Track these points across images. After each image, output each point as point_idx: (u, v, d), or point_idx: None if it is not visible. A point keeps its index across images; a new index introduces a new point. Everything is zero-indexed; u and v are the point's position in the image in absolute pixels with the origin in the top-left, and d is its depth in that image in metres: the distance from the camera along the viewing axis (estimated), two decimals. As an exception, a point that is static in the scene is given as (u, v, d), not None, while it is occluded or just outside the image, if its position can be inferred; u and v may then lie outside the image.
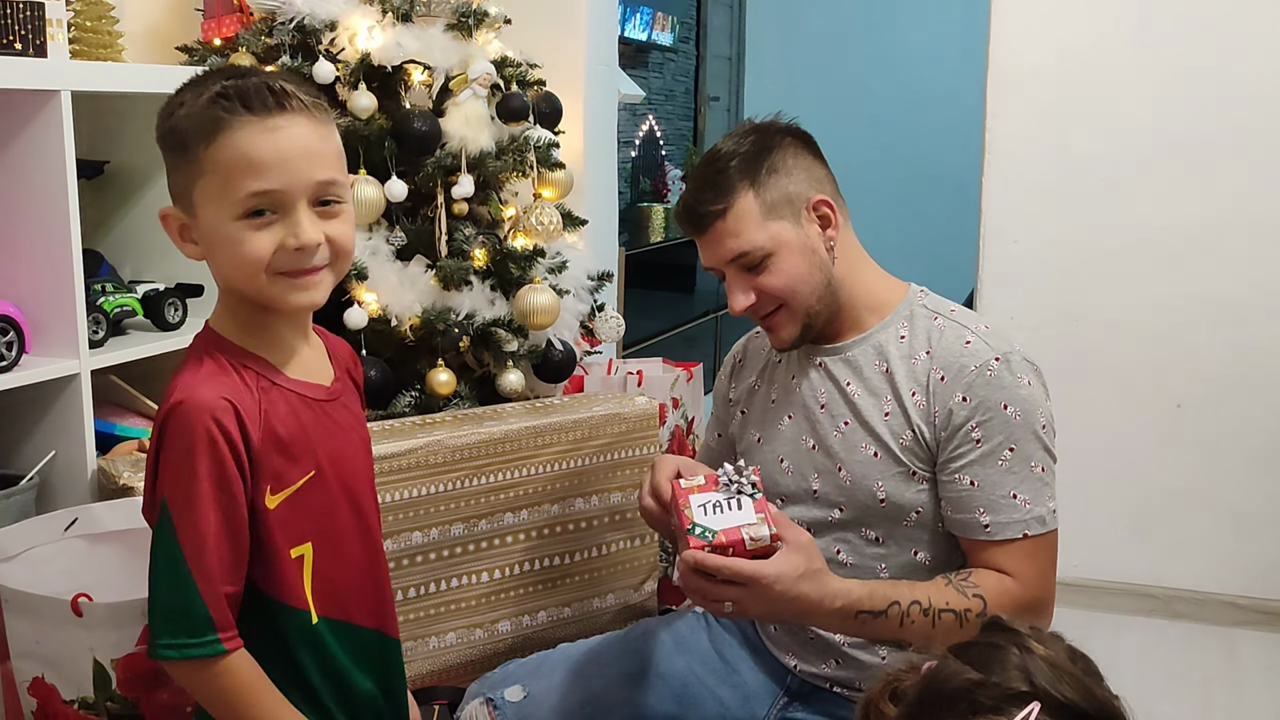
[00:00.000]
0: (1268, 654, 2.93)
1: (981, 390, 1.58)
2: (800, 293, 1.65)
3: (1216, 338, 3.00)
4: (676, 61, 6.28)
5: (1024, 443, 1.58)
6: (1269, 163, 2.92)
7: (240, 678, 1.19)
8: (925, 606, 1.55)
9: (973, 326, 1.65)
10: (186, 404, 1.17)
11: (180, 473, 1.16)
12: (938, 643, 1.56)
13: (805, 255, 1.65)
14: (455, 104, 2.40)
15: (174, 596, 1.17)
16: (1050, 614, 1.63)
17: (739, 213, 1.64)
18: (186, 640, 1.16)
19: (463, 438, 2.06)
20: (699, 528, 1.46)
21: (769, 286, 1.65)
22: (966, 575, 1.59)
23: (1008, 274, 3.12)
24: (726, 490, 1.50)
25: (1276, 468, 3.00)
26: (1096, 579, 3.09)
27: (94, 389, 1.98)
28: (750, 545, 1.45)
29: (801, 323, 1.67)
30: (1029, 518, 1.57)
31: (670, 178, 5.91)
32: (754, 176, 1.64)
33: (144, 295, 2.19)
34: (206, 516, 1.16)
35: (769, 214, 1.64)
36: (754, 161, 1.65)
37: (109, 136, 2.30)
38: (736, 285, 1.67)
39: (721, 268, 1.68)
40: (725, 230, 1.64)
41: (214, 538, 1.17)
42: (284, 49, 2.33)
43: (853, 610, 1.53)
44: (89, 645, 1.54)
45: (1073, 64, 3.01)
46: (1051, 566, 1.61)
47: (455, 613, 2.10)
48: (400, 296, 2.32)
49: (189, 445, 1.16)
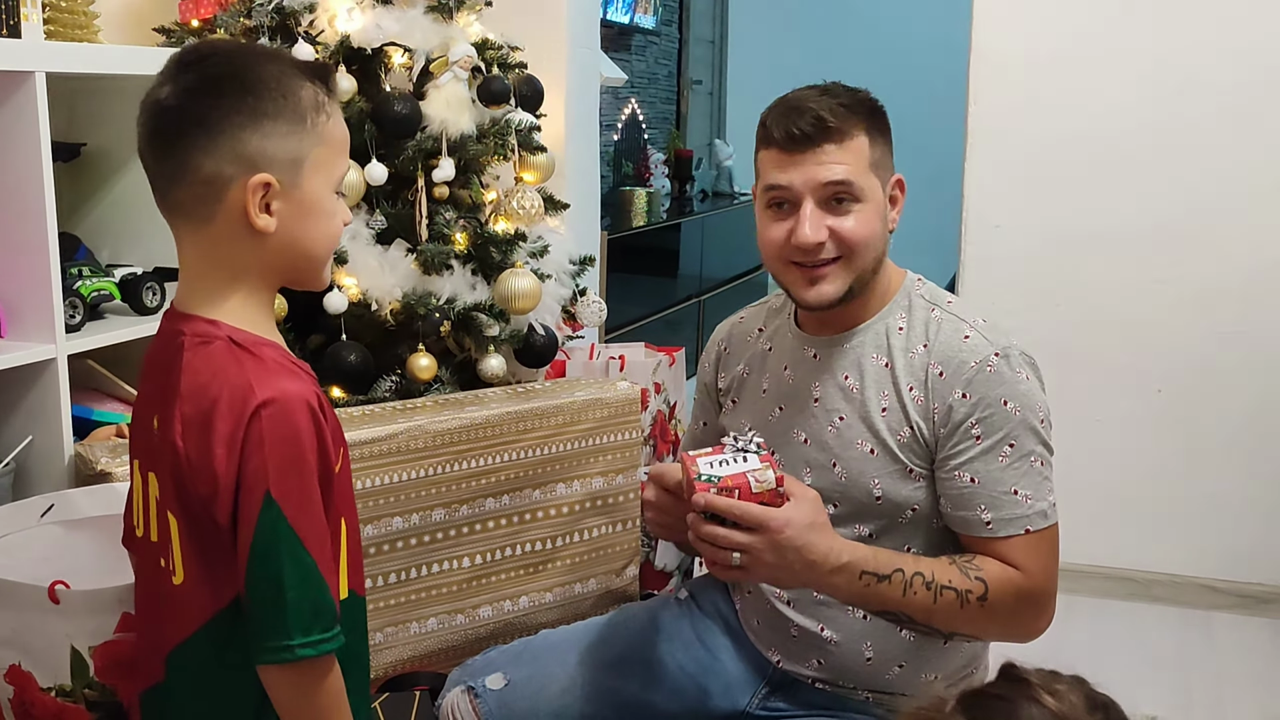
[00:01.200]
0: (1245, 636, 2.95)
1: (981, 387, 1.57)
2: (866, 253, 1.61)
3: (1197, 322, 3.02)
4: (659, 45, 6.26)
5: (1023, 438, 1.58)
6: (1250, 148, 2.92)
7: (338, 674, 1.20)
8: (929, 580, 1.54)
9: (971, 320, 1.63)
10: (282, 401, 1.16)
11: (291, 470, 1.16)
12: (938, 619, 1.58)
13: (880, 220, 1.62)
14: (436, 87, 2.38)
15: (306, 593, 1.15)
16: (1053, 607, 1.62)
17: (854, 146, 1.59)
18: (321, 635, 1.16)
19: (444, 423, 2.06)
20: (705, 476, 1.45)
21: (846, 231, 1.59)
22: (971, 559, 1.58)
23: (989, 258, 3.13)
24: (733, 449, 1.50)
25: (1255, 452, 3.02)
26: (1076, 563, 3.10)
27: (71, 374, 1.97)
28: (756, 489, 1.44)
29: (850, 282, 1.61)
30: (1031, 513, 1.57)
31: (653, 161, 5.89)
32: (869, 125, 1.61)
33: (122, 279, 2.17)
34: (321, 511, 1.17)
35: (872, 166, 1.61)
36: (873, 112, 1.63)
37: (85, 118, 2.28)
38: (814, 218, 1.58)
39: (806, 192, 1.58)
40: (834, 154, 1.57)
41: (326, 528, 1.18)
42: (262, 30, 2.30)
43: (857, 570, 1.52)
44: (66, 633, 1.53)
45: (1055, 49, 3.01)
46: (1054, 559, 1.61)
47: (436, 598, 2.09)
48: (380, 281, 2.31)
49: (295, 442, 1.16)
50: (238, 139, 1.18)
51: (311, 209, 1.23)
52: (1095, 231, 3.05)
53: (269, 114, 1.19)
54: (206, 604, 1.22)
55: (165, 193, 1.22)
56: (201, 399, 1.17)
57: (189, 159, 1.18)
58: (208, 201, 1.19)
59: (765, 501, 1.45)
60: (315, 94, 1.22)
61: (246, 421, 1.15)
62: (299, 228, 1.22)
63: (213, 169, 1.18)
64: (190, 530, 1.21)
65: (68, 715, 1.55)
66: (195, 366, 1.19)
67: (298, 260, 1.25)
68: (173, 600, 1.25)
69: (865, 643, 1.65)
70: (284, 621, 1.14)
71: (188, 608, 1.23)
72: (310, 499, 1.16)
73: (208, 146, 1.18)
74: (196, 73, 1.19)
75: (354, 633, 1.29)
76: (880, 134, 1.63)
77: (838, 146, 1.58)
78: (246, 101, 1.18)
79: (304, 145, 1.21)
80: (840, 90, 1.63)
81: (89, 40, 2.18)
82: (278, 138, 1.19)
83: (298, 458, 1.16)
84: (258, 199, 1.19)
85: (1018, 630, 1.62)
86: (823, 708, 1.71)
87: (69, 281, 2.06)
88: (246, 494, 1.15)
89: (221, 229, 1.20)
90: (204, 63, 1.20)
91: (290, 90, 1.20)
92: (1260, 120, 2.91)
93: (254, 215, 1.19)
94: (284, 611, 1.14)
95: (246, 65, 1.20)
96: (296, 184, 1.21)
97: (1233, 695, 2.66)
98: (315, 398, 1.19)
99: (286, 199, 1.20)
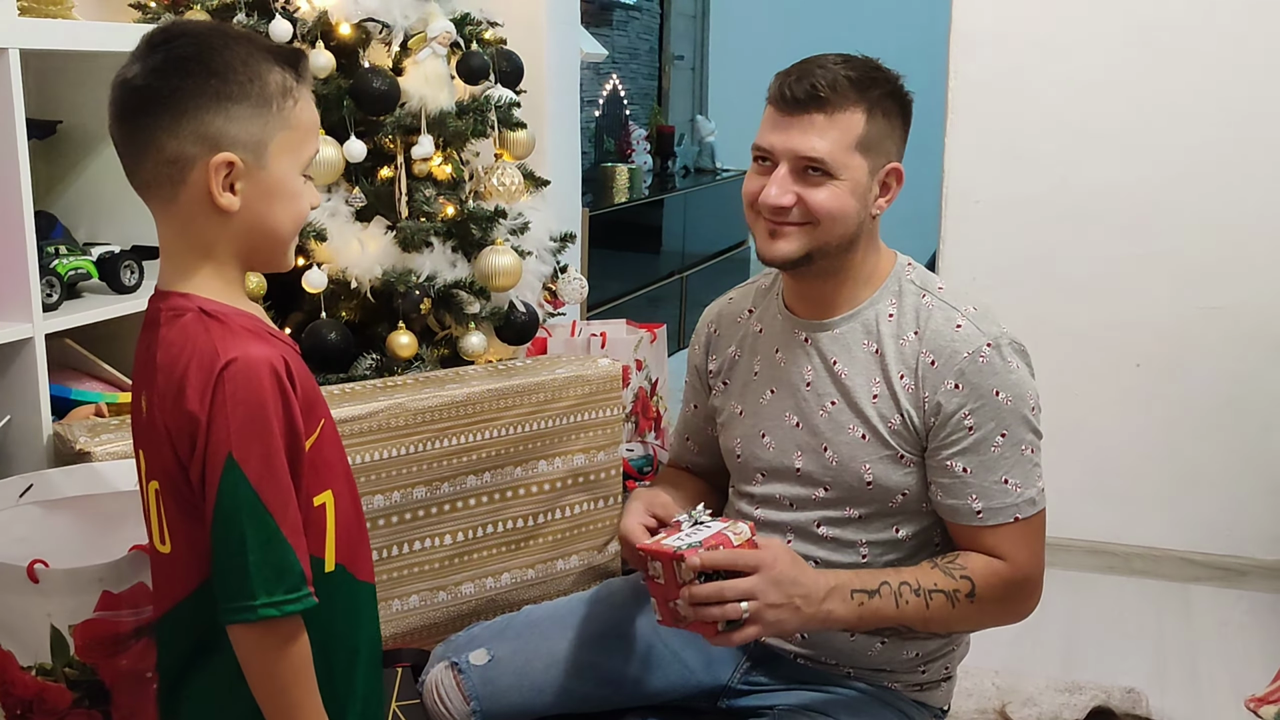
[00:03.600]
0: (1222, 608, 2.98)
1: (974, 377, 1.58)
2: (831, 226, 1.59)
3: (1176, 298, 3.03)
4: (640, 19, 6.23)
5: (1014, 427, 1.59)
6: (1227, 123, 2.93)
7: (305, 641, 1.20)
8: (915, 587, 1.57)
9: (962, 309, 1.63)
10: (244, 361, 1.17)
11: (253, 430, 1.16)
12: (935, 623, 1.60)
13: (858, 203, 1.60)
14: (414, 63, 2.36)
15: (269, 554, 1.16)
16: (1039, 591, 1.65)
17: (843, 121, 1.57)
18: (285, 596, 1.16)
19: (424, 400, 2.05)
20: (686, 545, 1.47)
21: (814, 202, 1.58)
22: (952, 559, 1.60)
23: (970, 234, 3.13)
24: (689, 522, 1.54)
25: (1232, 427, 3.04)
26: (1057, 536, 3.11)
27: (49, 353, 1.96)
28: (737, 542, 1.49)
29: (809, 248, 1.60)
30: (1020, 501, 1.59)
31: (634, 137, 5.88)
32: (872, 105, 1.58)
33: (99, 257, 2.16)
34: (286, 474, 1.18)
35: (860, 145, 1.58)
36: (880, 92, 1.59)
37: (61, 96, 2.26)
38: (783, 182, 1.58)
39: (783, 158, 1.59)
40: (819, 125, 1.56)
41: (292, 491, 1.18)
42: (239, 6, 2.29)
43: (846, 589, 1.54)
44: (46, 611, 1.53)
45: (1035, 25, 3.01)
46: (1041, 544, 1.63)
47: (418, 575, 2.09)
48: (360, 258, 2.30)
49: (258, 402, 1.16)
50: (201, 120, 1.19)
51: (277, 190, 1.24)
52: (1074, 207, 3.05)
53: (233, 97, 1.20)
54: (193, 573, 1.23)
55: (133, 171, 1.24)
56: (174, 369, 1.19)
57: (154, 138, 1.20)
58: (173, 181, 1.21)
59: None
60: (283, 78, 1.23)
61: (213, 383, 1.16)
62: (263, 208, 1.24)
63: (176, 149, 1.20)
64: (173, 500, 1.23)
65: (48, 694, 1.55)
66: (169, 340, 1.21)
67: (262, 240, 1.26)
68: (161, 569, 1.29)
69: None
70: (247, 582, 1.15)
71: (176, 576, 1.26)
72: (273, 462, 1.17)
73: (171, 126, 1.19)
74: (164, 53, 1.20)
75: (345, 618, 1.29)
76: (885, 116, 1.60)
77: (826, 118, 1.57)
78: (211, 84, 1.19)
79: (269, 128, 1.22)
80: (863, 64, 1.61)
81: (63, 16, 2.16)
82: (242, 120, 1.21)
83: (260, 420, 1.16)
84: (220, 178, 1.20)
85: (1010, 616, 1.66)
86: (803, 682, 1.72)
87: (45, 260, 2.04)
88: (210, 456, 1.16)
89: (187, 207, 1.22)
90: (172, 43, 1.21)
91: (257, 74, 1.21)
92: (1237, 95, 2.91)
93: (217, 194, 1.21)
94: (247, 572, 1.15)
95: (214, 48, 1.21)
96: (262, 165, 1.22)
97: (1207, 667, 2.69)
98: (283, 362, 1.20)
99: (251, 179, 1.22)
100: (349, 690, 1.31)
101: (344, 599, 1.30)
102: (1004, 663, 2.58)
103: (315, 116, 1.29)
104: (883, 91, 1.60)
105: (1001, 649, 2.59)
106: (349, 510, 1.31)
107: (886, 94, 1.61)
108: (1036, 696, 2.45)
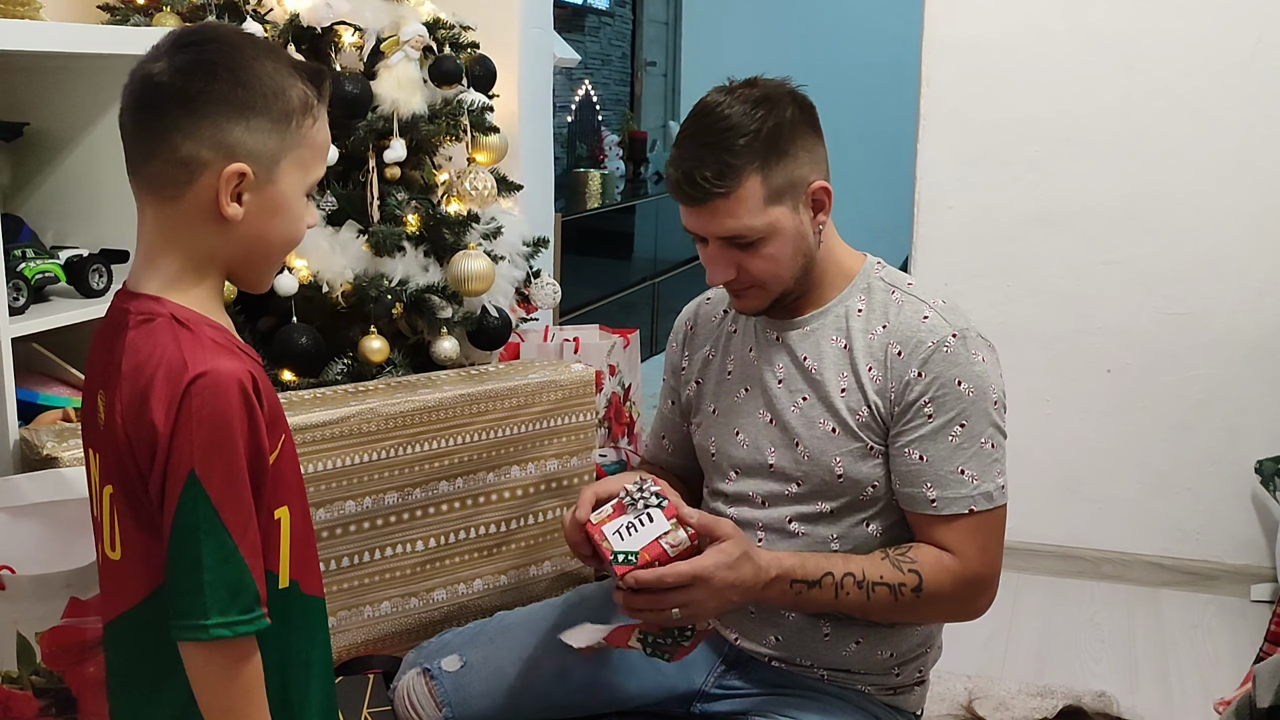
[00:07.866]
0: (1191, 613, 3.00)
1: (937, 366, 1.59)
2: (782, 277, 1.63)
3: (1145, 304, 3.05)
4: (613, 25, 6.24)
5: (975, 419, 1.59)
6: (1198, 130, 2.96)
7: (258, 662, 1.18)
8: (859, 579, 1.57)
9: (930, 302, 1.65)
10: (213, 376, 1.14)
11: (217, 447, 1.14)
12: (874, 614, 1.60)
13: (795, 241, 1.61)
14: (387, 66, 2.36)
15: (225, 572, 1.14)
16: (993, 591, 1.65)
17: (743, 195, 1.56)
18: (238, 617, 1.14)
19: (396, 405, 2.04)
20: (621, 555, 1.48)
21: (754, 269, 1.61)
22: (905, 550, 1.61)
23: (942, 239, 3.15)
24: (634, 510, 1.52)
25: (1200, 432, 3.07)
26: (1027, 541, 3.14)
27: (15, 357, 1.93)
28: (673, 553, 1.48)
29: (771, 299, 1.65)
30: (975, 494, 1.59)
31: (607, 143, 5.88)
32: (764, 158, 1.55)
33: (67, 261, 2.13)
34: (247, 492, 1.16)
35: (771, 199, 1.58)
36: (766, 143, 1.55)
37: (28, 98, 2.23)
38: (720, 259, 1.62)
39: (709, 236, 1.61)
40: (724, 209, 1.57)
41: (252, 511, 1.16)
42: (210, 9, 2.27)
43: (787, 579, 1.56)
44: (13, 619, 1.51)
45: (1008, 31, 3.03)
46: (997, 542, 1.63)
47: (389, 581, 2.08)
48: (332, 262, 2.29)
49: (224, 418, 1.14)
50: (221, 127, 1.18)
51: (281, 206, 1.23)
52: (1046, 213, 3.07)
53: (256, 108, 1.19)
54: (142, 581, 1.21)
55: (138, 166, 1.22)
56: (139, 377, 1.17)
57: (169, 137, 1.18)
58: (179, 182, 1.19)
59: (682, 556, 1.49)
60: (306, 96, 1.23)
61: (180, 395, 1.14)
62: (264, 223, 1.23)
63: (190, 151, 1.18)
64: (128, 508, 1.21)
65: (14, 702, 1.54)
66: (136, 344, 1.19)
67: (255, 254, 1.25)
68: (110, 576, 1.26)
69: (823, 619, 1.67)
70: (201, 601, 1.14)
71: (125, 584, 1.23)
72: (235, 480, 1.15)
73: (190, 128, 1.18)
74: (193, 54, 1.19)
75: (300, 633, 1.28)
76: (781, 156, 1.57)
77: (725, 200, 1.56)
78: (237, 93, 1.18)
79: (285, 144, 1.21)
80: (730, 122, 1.55)
81: (30, 17, 2.14)
82: (260, 133, 1.20)
83: (225, 437, 1.15)
84: (230, 187, 1.19)
85: (958, 613, 1.66)
86: (777, 685, 1.72)
87: (12, 263, 2.02)
88: (172, 471, 1.14)
89: (187, 210, 1.20)
90: (202, 46, 1.20)
91: (282, 89, 1.21)
92: (1208, 102, 2.94)
93: (224, 203, 1.19)
94: (201, 591, 1.14)
95: (244, 57, 1.20)
96: (271, 179, 1.22)
97: (1177, 670, 2.71)
98: (250, 379, 1.18)
99: (258, 192, 1.21)
100: (304, 703, 1.29)
101: (298, 614, 1.28)
102: (976, 667, 2.58)
103: (328, 137, 1.29)
104: (770, 133, 1.55)
105: (973, 653, 2.60)
106: (301, 525, 1.29)
107: (773, 132, 1.56)
108: (1008, 700, 2.46)
